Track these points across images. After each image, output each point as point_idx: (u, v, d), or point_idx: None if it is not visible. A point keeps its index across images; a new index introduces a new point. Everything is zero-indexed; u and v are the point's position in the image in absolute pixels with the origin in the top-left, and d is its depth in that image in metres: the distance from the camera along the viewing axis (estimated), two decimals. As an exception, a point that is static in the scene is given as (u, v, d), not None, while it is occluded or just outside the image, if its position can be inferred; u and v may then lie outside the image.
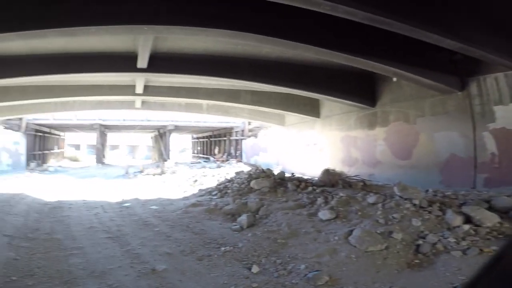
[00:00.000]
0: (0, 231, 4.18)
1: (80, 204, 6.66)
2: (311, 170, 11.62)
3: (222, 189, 7.48)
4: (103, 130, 23.44)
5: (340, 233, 3.64)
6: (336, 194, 5.20)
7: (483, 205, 3.78)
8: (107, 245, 3.82)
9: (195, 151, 32.20)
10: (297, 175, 8.79)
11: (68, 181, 11.63)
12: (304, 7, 3.74)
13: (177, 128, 23.57)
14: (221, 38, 5.62)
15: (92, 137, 27.03)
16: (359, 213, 4.18)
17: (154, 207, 6.31)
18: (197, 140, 31.80)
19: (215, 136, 26.36)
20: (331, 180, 6.61)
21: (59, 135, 24.76)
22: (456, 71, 5.97)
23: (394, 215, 3.75)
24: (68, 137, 28.74)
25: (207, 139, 28.01)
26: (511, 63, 4.71)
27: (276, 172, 8.05)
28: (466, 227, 3.35)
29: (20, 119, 15.53)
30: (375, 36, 4.96)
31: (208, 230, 4.60)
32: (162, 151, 23.93)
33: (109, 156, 31.28)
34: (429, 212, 3.75)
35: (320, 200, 4.95)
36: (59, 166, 18.17)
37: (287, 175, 7.89)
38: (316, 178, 7.17)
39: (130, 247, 3.70)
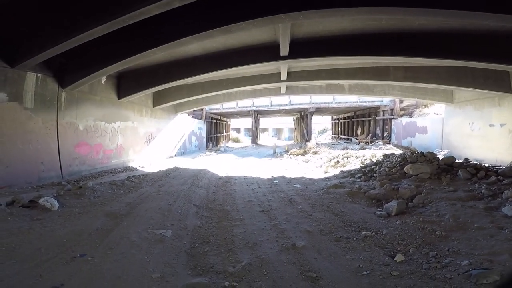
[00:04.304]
0: (192, 202, 5.14)
1: (242, 179, 8.07)
2: (493, 155, 9.43)
3: (367, 172, 7.20)
4: (256, 115, 27.13)
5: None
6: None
7: None
8: (260, 218, 4.32)
9: (336, 132, 31.55)
10: (472, 161, 7.25)
11: (233, 159, 14.43)
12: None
13: (318, 110, 23.80)
14: (358, 16, 5.23)
15: (247, 122, 32.30)
16: None
17: (297, 185, 6.79)
18: (337, 121, 30.95)
19: (357, 117, 24.74)
20: (530, 170, 5.42)
21: (226, 121, 30.89)
22: None
23: None
24: (232, 123, 35.30)
25: (348, 120, 26.73)
26: None
27: (440, 156, 7.08)
28: None
29: (202, 109, 20.52)
30: None
31: (349, 212, 4.51)
32: (304, 132, 25.02)
33: (261, 137, 36.15)
34: None
35: (508, 193, 4.29)
36: (227, 147, 22.85)
37: (457, 161, 6.73)
38: (503, 167, 6.09)
39: (276, 222, 4.15)
